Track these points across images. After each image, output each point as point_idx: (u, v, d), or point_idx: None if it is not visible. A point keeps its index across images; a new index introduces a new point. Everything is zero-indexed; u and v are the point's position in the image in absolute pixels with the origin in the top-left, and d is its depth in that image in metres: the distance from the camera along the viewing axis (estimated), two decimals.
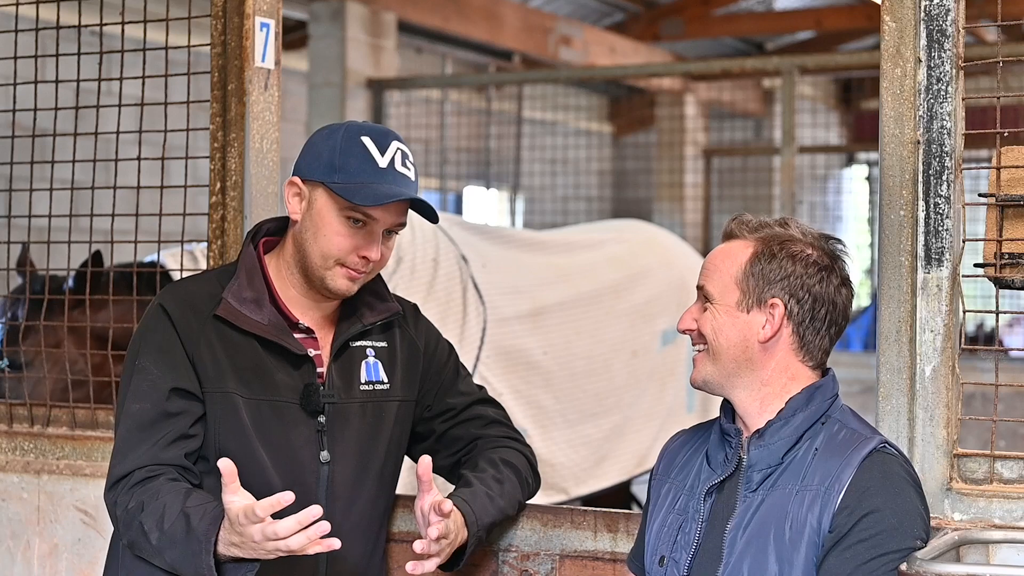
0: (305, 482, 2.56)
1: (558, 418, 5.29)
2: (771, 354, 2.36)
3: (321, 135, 2.61)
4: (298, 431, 2.57)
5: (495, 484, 2.66)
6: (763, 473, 2.33)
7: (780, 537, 2.26)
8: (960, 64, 2.50)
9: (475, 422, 2.79)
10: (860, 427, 2.36)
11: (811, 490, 2.27)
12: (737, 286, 2.37)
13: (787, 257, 2.36)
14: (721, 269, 2.40)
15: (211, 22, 3.18)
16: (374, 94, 9.10)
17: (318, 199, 2.56)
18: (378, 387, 2.67)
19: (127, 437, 2.51)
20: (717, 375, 2.40)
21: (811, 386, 2.37)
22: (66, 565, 3.25)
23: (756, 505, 2.31)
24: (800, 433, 2.34)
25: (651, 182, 13.34)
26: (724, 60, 11.95)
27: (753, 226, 2.41)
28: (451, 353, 2.85)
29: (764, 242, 2.38)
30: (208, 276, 2.69)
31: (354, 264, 2.56)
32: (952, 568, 2.16)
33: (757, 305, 2.36)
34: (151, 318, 2.58)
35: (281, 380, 2.57)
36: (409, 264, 4.88)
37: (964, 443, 2.56)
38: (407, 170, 2.58)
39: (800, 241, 2.38)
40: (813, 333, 2.37)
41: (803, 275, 2.35)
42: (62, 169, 3.56)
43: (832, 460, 2.28)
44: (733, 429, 2.40)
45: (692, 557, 2.36)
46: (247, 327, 2.56)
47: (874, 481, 2.25)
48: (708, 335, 2.39)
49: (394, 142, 2.58)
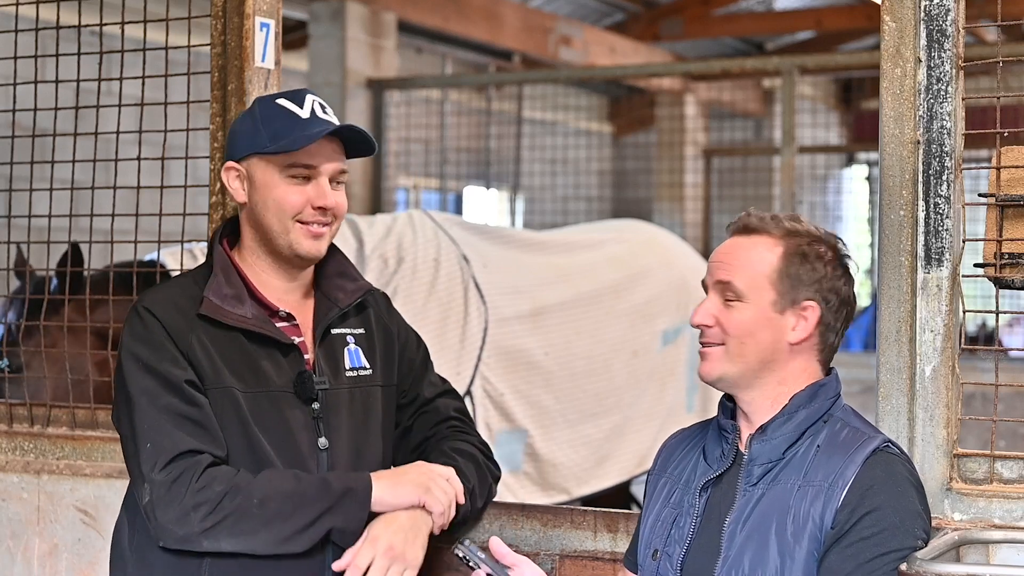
0: (307, 469, 2.58)
1: (559, 418, 5.30)
2: (796, 356, 2.35)
3: (239, 119, 2.70)
4: (296, 419, 2.60)
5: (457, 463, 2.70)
6: (764, 467, 2.33)
7: (782, 531, 2.26)
8: (960, 64, 2.50)
9: (431, 415, 2.82)
10: (863, 426, 2.35)
11: (814, 486, 2.27)
12: (772, 286, 2.33)
13: (817, 258, 2.34)
14: (750, 265, 2.35)
15: (211, 22, 3.18)
16: (374, 94, 9.10)
17: (257, 170, 2.62)
18: (362, 373, 2.71)
19: (164, 427, 2.49)
20: (737, 373, 2.36)
21: (815, 383, 2.36)
22: (66, 565, 3.25)
23: (756, 499, 2.31)
24: (803, 430, 2.33)
25: (651, 182, 13.34)
26: (724, 60, 11.95)
27: (768, 220, 2.38)
28: (420, 343, 2.89)
29: (793, 240, 2.35)
30: (183, 279, 2.72)
31: (312, 217, 2.60)
32: (952, 568, 2.16)
33: (791, 307, 2.33)
34: (139, 323, 2.58)
35: (272, 370, 2.60)
36: (411, 264, 4.88)
37: (964, 443, 2.56)
38: (328, 115, 2.64)
39: (823, 241, 2.37)
40: (834, 334, 2.37)
41: (832, 277, 2.35)
42: (62, 169, 3.56)
43: (835, 457, 2.28)
44: (730, 425, 2.40)
45: (686, 551, 2.36)
46: (232, 322, 2.59)
47: (877, 480, 2.25)
48: (734, 334, 2.34)
49: (308, 95, 2.65)
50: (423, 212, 5.35)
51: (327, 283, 2.73)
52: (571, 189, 13.38)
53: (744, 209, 2.46)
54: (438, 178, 11.84)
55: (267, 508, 2.46)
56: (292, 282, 2.68)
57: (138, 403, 2.52)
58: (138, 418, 2.52)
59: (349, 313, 2.73)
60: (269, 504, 2.46)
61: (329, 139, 2.62)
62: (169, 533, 2.47)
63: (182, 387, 2.52)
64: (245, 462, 2.53)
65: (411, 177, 11.46)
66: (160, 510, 2.46)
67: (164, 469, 2.47)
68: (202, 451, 2.49)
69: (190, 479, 2.45)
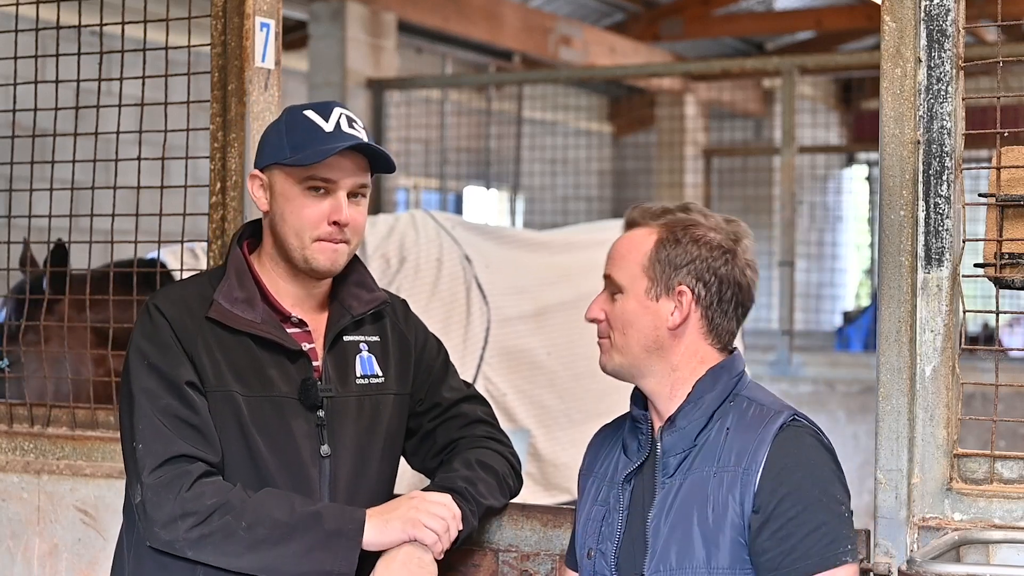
0: (308, 476, 2.57)
1: (562, 418, 5.30)
2: (680, 339, 2.39)
3: (268, 128, 2.68)
4: (298, 426, 2.59)
5: (463, 484, 2.66)
6: (678, 458, 2.37)
7: (704, 520, 2.29)
8: (960, 64, 2.50)
9: (458, 420, 2.80)
10: (769, 401, 2.39)
11: (728, 471, 2.30)
12: (644, 274, 2.39)
13: (691, 241, 2.38)
14: (627, 257, 2.42)
15: (211, 22, 3.18)
16: (374, 94, 9.10)
17: (278, 181, 2.61)
18: (373, 381, 2.69)
19: (160, 429, 2.49)
20: (627, 363, 2.43)
21: (716, 366, 2.40)
22: (66, 565, 3.25)
23: (675, 491, 2.34)
24: (710, 414, 2.37)
25: (651, 182, 13.34)
26: (724, 60, 11.95)
27: (655, 213, 2.44)
28: (440, 348, 2.87)
29: (667, 228, 2.40)
30: (199, 279, 2.71)
31: (328, 234, 2.58)
32: (952, 568, 2.16)
33: (666, 293, 2.38)
34: (148, 321, 2.58)
35: (278, 376, 2.59)
36: (413, 264, 4.88)
37: (964, 443, 2.56)
38: (355, 130, 2.60)
39: (703, 225, 2.40)
40: (721, 315, 2.40)
41: (708, 258, 2.38)
42: (62, 169, 3.56)
43: (745, 437, 2.32)
44: (642, 415, 2.44)
45: (618, 547, 2.38)
46: (240, 326, 2.58)
47: (789, 458, 2.29)
48: (616, 326, 2.41)
49: (336, 108, 2.63)
50: (425, 212, 5.35)
51: (344, 292, 2.71)
52: (571, 189, 13.38)
53: (745, 210, 2.48)
54: (438, 178, 11.84)
55: (254, 533, 2.44)
56: (308, 291, 2.67)
57: (138, 401, 2.52)
58: (136, 417, 2.52)
59: (364, 320, 2.72)
60: (257, 529, 2.44)
61: (351, 153, 2.58)
62: (156, 536, 2.47)
63: (182, 389, 2.52)
64: (242, 467, 2.53)
65: (411, 177, 11.46)
66: (150, 512, 2.46)
67: (155, 472, 2.47)
68: (195, 456, 2.48)
69: (180, 486, 2.44)
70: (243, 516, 2.44)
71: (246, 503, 2.45)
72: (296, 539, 2.45)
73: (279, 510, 2.46)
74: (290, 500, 2.49)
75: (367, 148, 2.59)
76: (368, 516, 2.51)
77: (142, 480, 2.48)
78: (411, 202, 11.57)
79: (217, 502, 2.44)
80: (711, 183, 12.74)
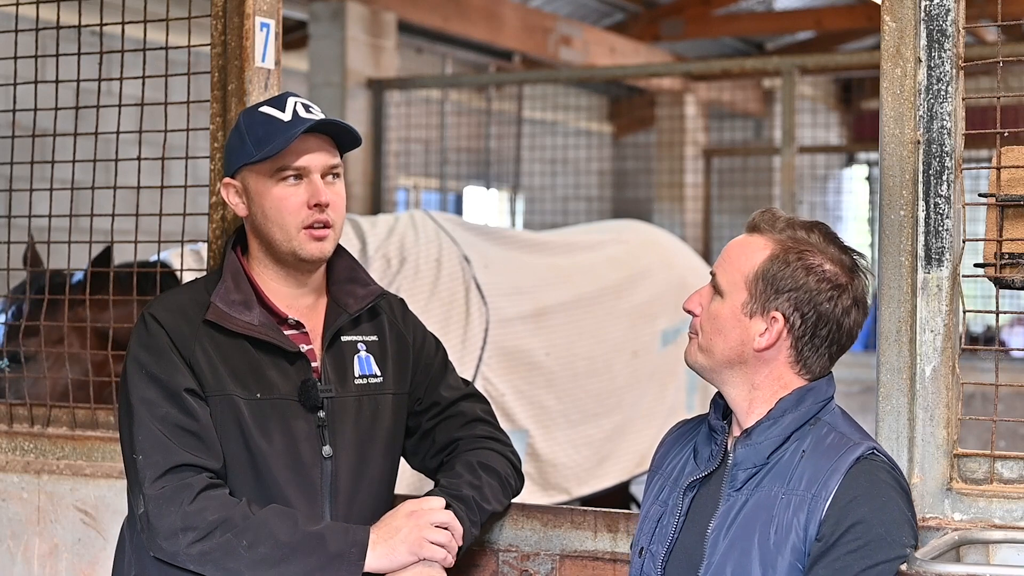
0: (309, 477, 2.58)
1: (560, 418, 5.30)
2: (765, 363, 2.33)
3: (230, 134, 2.71)
4: (299, 427, 2.59)
5: (469, 491, 2.66)
6: (748, 472, 2.31)
7: (764, 541, 2.24)
8: (960, 64, 2.50)
9: (457, 419, 2.79)
10: (850, 431, 2.33)
11: (797, 495, 2.24)
12: (746, 287, 2.32)
13: (801, 268, 2.30)
14: (735, 263, 2.35)
15: (211, 22, 3.18)
16: (374, 94, 9.10)
17: (251, 181, 2.63)
18: (372, 380, 2.69)
19: (160, 438, 2.49)
20: (707, 365, 2.37)
21: (802, 388, 2.34)
22: (66, 565, 3.25)
23: (740, 505, 2.29)
24: (788, 434, 2.31)
25: (651, 182, 13.34)
26: (724, 60, 11.96)
27: (779, 224, 2.35)
28: (439, 347, 2.87)
29: (782, 245, 2.32)
30: (195, 285, 2.72)
31: (311, 218, 2.59)
32: (952, 568, 2.16)
33: (761, 312, 2.31)
34: (144, 330, 2.59)
35: (277, 378, 2.59)
36: (413, 264, 4.88)
37: (964, 443, 2.56)
38: (313, 114, 2.62)
39: (819, 253, 2.32)
40: (811, 351, 2.33)
41: (813, 290, 2.29)
42: (62, 169, 3.56)
43: (819, 464, 2.26)
44: (719, 426, 2.39)
45: (668, 552, 2.34)
46: (237, 328, 2.58)
47: (861, 490, 2.22)
48: (705, 326, 2.36)
49: (291, 97, 2.64)
50: (424, 212, 5.36)
51: (337, 289, 2.71)
52: (571, 189, 13.38)
53: (744, 210, 2.46)
54: (438, 178, 11.84)
55: (255, 552, 2.43)
56: (301, 288, 2.68)
57: (137, 412, 2.52)
58: (135, 427, 2.52)
59: (361, 319, 2.72)
60: (258, 548, 2.44)
61: (315, 136, 2.61)
62: (158, 547, 2.47)
63: (182, 397, 2.51)
64: (244, 470, 2.53)
65: (411, 177, 11.46)
66: (153, 522, 2.46)
67: (157, 482, 2.47)
68: (197, 465, 2.48)
69: (183, 499, 2.44)
70: (245, 534, 2.43)
71: (249, 520, 2.45)
72: (297, 560, 2.44)
73: (282, 529, 2.45)
74: (294, 519, 2.48)
75: (329, 126, 2.61)
76: (372, 542, 2.50)
77: (144, 491, 2.47)
78: (411, 202, 11.57)
79: (219, 518, 2.44)
80: (711, 183, 12.74)
